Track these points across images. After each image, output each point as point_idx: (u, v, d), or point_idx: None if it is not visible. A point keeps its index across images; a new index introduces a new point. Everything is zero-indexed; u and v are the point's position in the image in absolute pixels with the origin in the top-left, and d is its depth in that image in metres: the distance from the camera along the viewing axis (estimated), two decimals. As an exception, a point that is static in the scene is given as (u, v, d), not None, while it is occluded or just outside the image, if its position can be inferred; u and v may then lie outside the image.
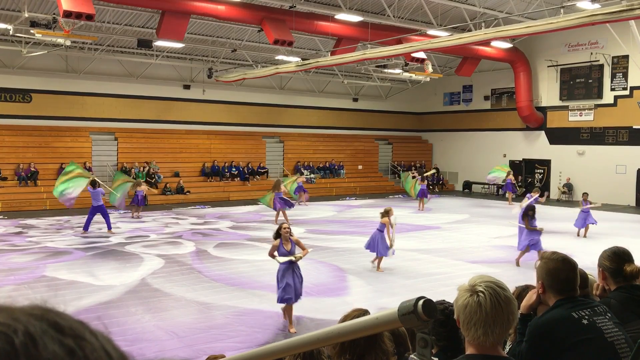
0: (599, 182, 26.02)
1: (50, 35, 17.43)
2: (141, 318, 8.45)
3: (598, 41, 26.51)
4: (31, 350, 0.52)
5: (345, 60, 21.90)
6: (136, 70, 27.52)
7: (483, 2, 20.57)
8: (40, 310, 0.57)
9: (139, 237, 15.81)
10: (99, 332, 0.59)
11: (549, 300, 2.69)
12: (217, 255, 13.24)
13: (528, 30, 17.57)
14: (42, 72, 25.20)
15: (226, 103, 30.11)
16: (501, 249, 14.35)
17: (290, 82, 32.17)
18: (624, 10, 14.48)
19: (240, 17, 20.00)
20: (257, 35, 23.38)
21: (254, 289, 10.21)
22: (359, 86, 34.36)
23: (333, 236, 16.31)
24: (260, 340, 7.53)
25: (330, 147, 32.64)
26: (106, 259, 12.79)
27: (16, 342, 0.52)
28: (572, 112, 28.28)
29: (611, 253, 3.27)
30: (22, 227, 17.54)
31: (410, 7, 21.52)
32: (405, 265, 12.37)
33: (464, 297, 2.00)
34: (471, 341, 2.01)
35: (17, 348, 0.51)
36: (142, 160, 26.24)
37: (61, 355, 0.53)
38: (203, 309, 8.95)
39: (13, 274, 11.11)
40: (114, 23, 22.32)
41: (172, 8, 18.55)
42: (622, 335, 2.54)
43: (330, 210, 23.09)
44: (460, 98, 34.29)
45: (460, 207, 24.46)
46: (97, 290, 9.96)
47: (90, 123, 26.39)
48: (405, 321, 1.39)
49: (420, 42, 20.35)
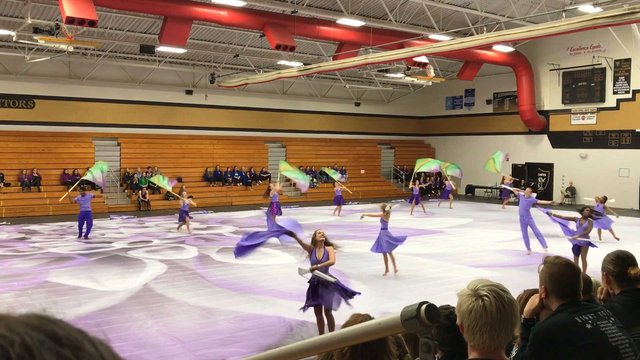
0: (602, 186, 25.93)
1: (53, 41, 17.50)
2: (144, 323, 8.44)
3: (600, 45, 26.49)
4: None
5: (347, 65, 21.92)
6: (139, 76, 27.59)
7: (485, 6, 20.59)
8: (38, 320, 0.56)
9: (141, 243, 15.81)
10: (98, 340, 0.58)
11: (551, 305, 2.68)
12: (219, 261, 13.24)
13: (530, 34, 17.57)
14: (45, 78, 25.28)
15: (228, 108, 30.16)
16: (504, 253, 14.31)
17: (292, 87, 32.21)
18: (625, 13, 14.46)
19: (243, 23, 20.05)
20: (259, 41, 23.44)
21: (257, 294, 10.20)
22: (361, 91, 34.39)
23: (336, 240, 16.24)
24: (263, 346, 7.51)
25: (333, 151, 32.64)
26: (109, 264, 12.79)
27: (12, 355, 0.51)
28: (574, 115, 28.25)
29: (615, 257, 3.26)
30: (25, 232, 17.56)
31: (412, 12, 21.55)
32: (408, 269, 12.34)
33: (468, 302, 1.98)
34: (475, 346, 2.00)
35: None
36: (144, 165, 26.28)
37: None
38: (206, 314, 8.94)
39: (16, 280, 11.11)
40: (117, 29, 22.40)
41: (174, 14, 18.61)
42: (626, 339, 2.53)
43: (332, 214, 23.07)
44: (463, 102, 34.28)
45: (463, 211, 24.43)
46: (100, 296, 9.95)
47: (93, 129, 26.45)
48: (408, 326, 1.39)
49: (422, 47, 20.36)
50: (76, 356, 0.54)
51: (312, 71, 22.94)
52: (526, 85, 28.97)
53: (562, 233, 12.43)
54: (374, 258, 13.56)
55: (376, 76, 29.21)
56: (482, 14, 20.62)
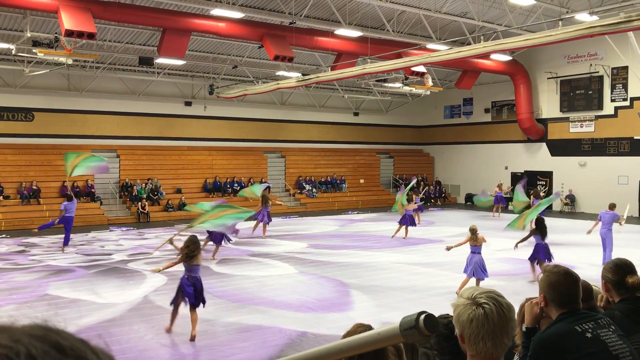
0: (601, 193, 25.94)
1: (52, 54, 17.56)
2: (144, 336, 8.41)
3: (597, 53, 26.61)
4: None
5: (345, 75, 22.00)
6: (138, 88, 27.66)
7: (482, 15, 20.69)
8: (42, 331, 0.56)
9: (141, 255, 15.78)
10: (101, 350, 0.59)
11: (551, 314, 2.68)
12: (219, 272, 13.21)
13: (527, 43, 17.64)
14: (44, 91, 25.33)
15: (227, 119, 30.22)
16: (504, 262, 14.28)
17: (291, 98, 32.29)
18: (622, 22, 14.54)
19: (241, 34, 20.13)
20: (257, 52, 23.51)
21: (257, 305, 10.17)
22: (359, 100, 34.48)
23: (336, 251, 16.26)
24: (263, 357, 7.48)
25: (332, 161, 32.68)
26: (109, 276, 12.76)
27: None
28: (572, 123, 28.31)
29: (613, 265, 3.27)
30: (25, 245, 17.52)
31: (410, 22, 21.66)
32: (408, 279, 12.32)
33: (469, 311, 1.95)
34: (476, 355, 1.98)
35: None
36: (144, 177, 26.28)
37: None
38: (206, 325, 8.91)
39: (16, 293, 11.08)
40: (116, 41, 22.48)
41: (173, 26, 18.70)
42: (626, 347, 2.52)
43: (332, 224, 23.06)
44: (461, 111, 34.37)
45: (462, 219, 24.40)
46: (100, 308, 9.92)
47: (92, 141, 26.47)
48: (407, 336, 1.39)
49: (419, 56, 20.44)
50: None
51: (310, 81, 23.01)
52: (524, 94, 29.05)
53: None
54: (374, 268, 13.56)
55: (374, 86, 29.29)
56: (479, 24, 20.72)
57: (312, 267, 13.68)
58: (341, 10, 20.06)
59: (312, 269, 13.54)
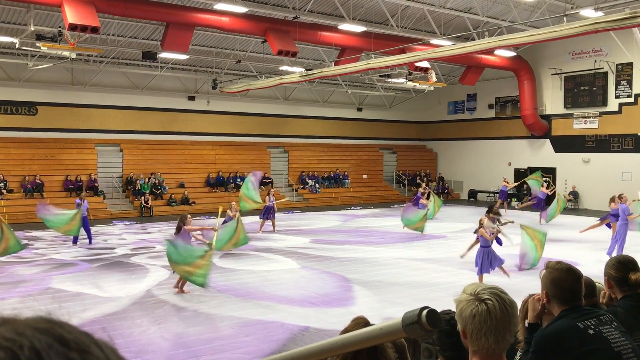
0: (605, 190, 25.85)
1: (55, 48, 17.56)
2: (147, 329, 8.44)
3: (602, 49, 26.50)
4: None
5: (349, 70, 21.95)
6: (141, 82, 27.66)
7: (486, 11, 20.62)
8: (45, 323, 0.57)
9: (144, 249, 15.82)
10: (105, 343, 0.59)
11: (553, 310, 2.67)
12: (222, 266, 13.23)
13: (531, 39, 17.58)
14: (47, 85, 25.36)
15: (231, 114, 30.21)
16: (507, 258, 14.25)
17: (294, 93, 32.25)
18: (627, 17, 14.48)
19: (244, 29, 20.10)
20: (261, 46, 23.48)
21: (260, 299, 10.19)
22: (362, 96, 34.41)
23: (338, 246, 16.27)
24: (266, 351, 7.50)
25: (335, 156, 32.65)
26: (112, 270, 12.80)
27: (22, 358, 0.52)
28: (576, 119, 28.22)
29: (616, 262, 3.26)
30: (28, 239, 17.58)
31: (414, 17, 21.59)
32: (410, 274, 12.33)
33: (471, 307, 1.95)
34: (478, 351, 1.98)
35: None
36: (147, 171, 26.31)
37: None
38: (209, 320, 8.94)
39: (19, 286, 11.13)
40: (119, 35, 22.46)
41: (176, 20, 18.68)
42: (629, 344, 2.52)
43: (335, 220, 23.07)
44: (465, 107, 34.28)
45: (465, 216, 24.38)
46: (103, 302, 9.96)
47: (95, 135, 26.51)
48: (409, 331, 1.39)
49: (423, 52, 20.39)
50: (83, 359, 0.54)
51: (314, 77, 22.98)
52: (528, 90, 28.96)
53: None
54: (377, 263, 13.57)
55: (378, 81, 29.22)
56: (483, 19, 20.64)
57: (314, 262, 13.70)
58: (345, 5, 20.00)
59: (315, 264, 13.56)
